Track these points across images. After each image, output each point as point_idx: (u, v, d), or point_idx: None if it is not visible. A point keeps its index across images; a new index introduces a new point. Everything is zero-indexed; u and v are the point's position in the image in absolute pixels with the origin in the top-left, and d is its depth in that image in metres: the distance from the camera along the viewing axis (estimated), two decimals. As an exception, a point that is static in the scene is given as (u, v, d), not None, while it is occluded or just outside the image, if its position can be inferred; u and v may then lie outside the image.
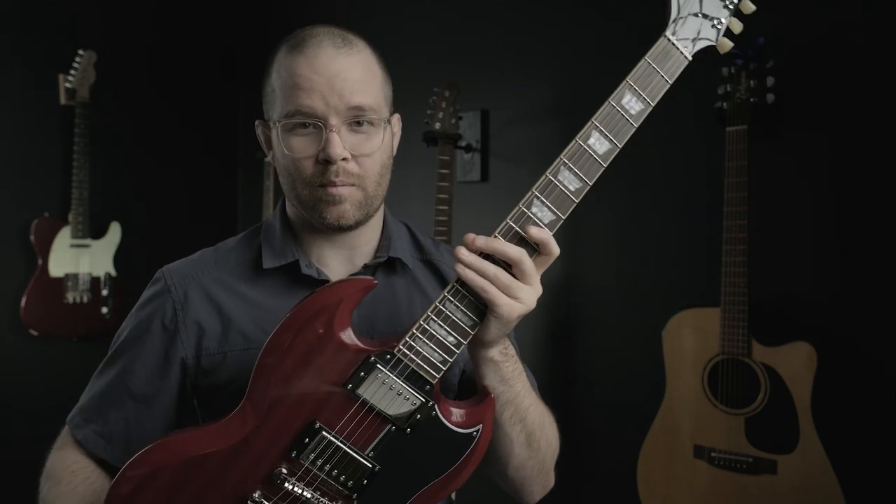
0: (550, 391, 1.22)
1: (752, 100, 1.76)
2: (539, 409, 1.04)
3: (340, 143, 0.97)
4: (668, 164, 2.12)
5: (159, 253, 1.24)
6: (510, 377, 0.98)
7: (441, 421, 0.90)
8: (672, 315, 1.91)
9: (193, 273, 1.08)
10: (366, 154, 1.00)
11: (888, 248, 1.73)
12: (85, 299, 2.94)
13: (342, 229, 1.03)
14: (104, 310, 2.98)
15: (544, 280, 0.91)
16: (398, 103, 1.09)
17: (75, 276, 2.92)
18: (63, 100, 2.95)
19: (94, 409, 1.06)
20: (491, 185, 2.56)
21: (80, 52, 2.92)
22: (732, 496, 1.76)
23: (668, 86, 0.93)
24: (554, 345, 2.39)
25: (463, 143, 2.52)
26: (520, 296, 0.88)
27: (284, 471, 0.89)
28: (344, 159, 0.98)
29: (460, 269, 0.87)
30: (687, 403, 1.86)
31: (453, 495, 1.26)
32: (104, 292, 2.98)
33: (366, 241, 1.10)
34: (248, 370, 0.90)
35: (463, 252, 0.88)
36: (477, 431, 0.92)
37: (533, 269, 0.89)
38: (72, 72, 2.91)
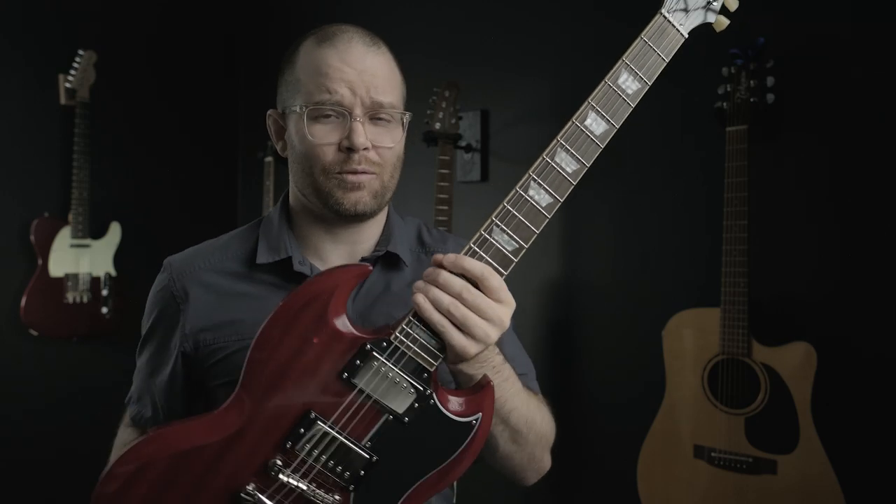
0: (550, 391, 1.22)
1: (752, 100, 1.76)
2: (525, 410, 1.01)
3: (364, 133, 1.01)
4: (668, 164, 2.12)
5: (159, 253, 1.25)
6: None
7: (439, 409, 0.88)
8: (672, 315, 1.91)
9: (193, 265, 1.11)
10: (386, 146, 1.04)
11: (888, 248, 1.73)
12: (85, 299, 2.93)
13: (356, 216, 1.05)
14: (104, 310, 2.98)
15: (545, 279, 0.91)
16: (398, 103, 1.10)
17: (75, 276, 2.92)
18: (63, 100, 2.95)
19: (136, 391, 1.15)
20: (491, 185, 2.56)
21: (80, 52, 2.92)
22: (732, 496, 1.76)
23: (664, 64, 0.91)
24: (554, 344, 2.39)
25: (463, 143, 2.52)
26: (475, 333, 0.86)
27: (279, 462, 0.87)
28: (365, 149, 1.02)
29: (418, 299, 0.86)
30: (687, 403, 1.86)
31: (455, 487, 1.26)
32: (104, 292, 2.98)
33: (368, 237, 1.11)
34: (241, 363, 0.90)
35: (419, 283, 0.87)
36: (476, 420, 0.90)
37: (499, 285, 0.87)
38: (72, 72, 2.91)
